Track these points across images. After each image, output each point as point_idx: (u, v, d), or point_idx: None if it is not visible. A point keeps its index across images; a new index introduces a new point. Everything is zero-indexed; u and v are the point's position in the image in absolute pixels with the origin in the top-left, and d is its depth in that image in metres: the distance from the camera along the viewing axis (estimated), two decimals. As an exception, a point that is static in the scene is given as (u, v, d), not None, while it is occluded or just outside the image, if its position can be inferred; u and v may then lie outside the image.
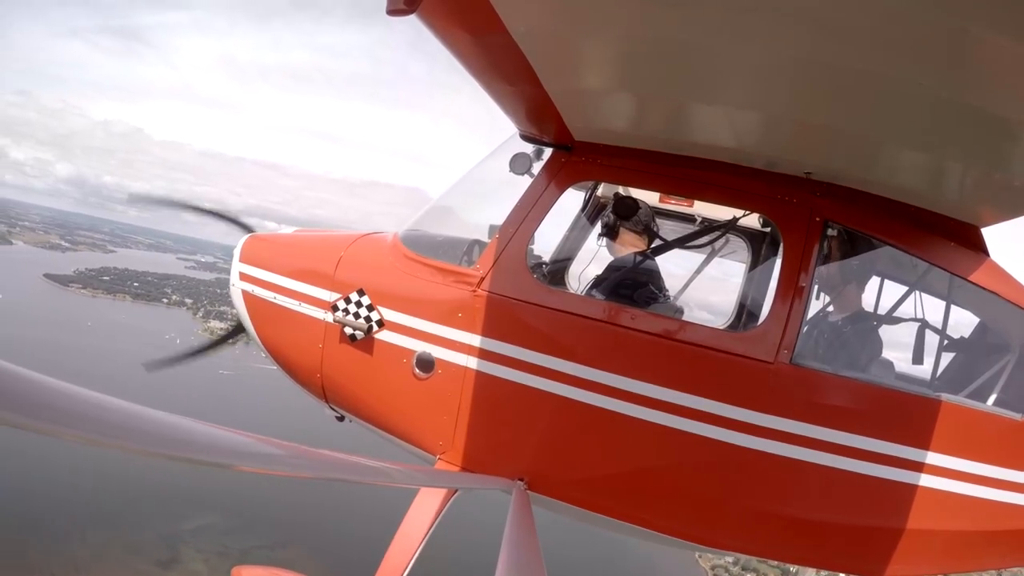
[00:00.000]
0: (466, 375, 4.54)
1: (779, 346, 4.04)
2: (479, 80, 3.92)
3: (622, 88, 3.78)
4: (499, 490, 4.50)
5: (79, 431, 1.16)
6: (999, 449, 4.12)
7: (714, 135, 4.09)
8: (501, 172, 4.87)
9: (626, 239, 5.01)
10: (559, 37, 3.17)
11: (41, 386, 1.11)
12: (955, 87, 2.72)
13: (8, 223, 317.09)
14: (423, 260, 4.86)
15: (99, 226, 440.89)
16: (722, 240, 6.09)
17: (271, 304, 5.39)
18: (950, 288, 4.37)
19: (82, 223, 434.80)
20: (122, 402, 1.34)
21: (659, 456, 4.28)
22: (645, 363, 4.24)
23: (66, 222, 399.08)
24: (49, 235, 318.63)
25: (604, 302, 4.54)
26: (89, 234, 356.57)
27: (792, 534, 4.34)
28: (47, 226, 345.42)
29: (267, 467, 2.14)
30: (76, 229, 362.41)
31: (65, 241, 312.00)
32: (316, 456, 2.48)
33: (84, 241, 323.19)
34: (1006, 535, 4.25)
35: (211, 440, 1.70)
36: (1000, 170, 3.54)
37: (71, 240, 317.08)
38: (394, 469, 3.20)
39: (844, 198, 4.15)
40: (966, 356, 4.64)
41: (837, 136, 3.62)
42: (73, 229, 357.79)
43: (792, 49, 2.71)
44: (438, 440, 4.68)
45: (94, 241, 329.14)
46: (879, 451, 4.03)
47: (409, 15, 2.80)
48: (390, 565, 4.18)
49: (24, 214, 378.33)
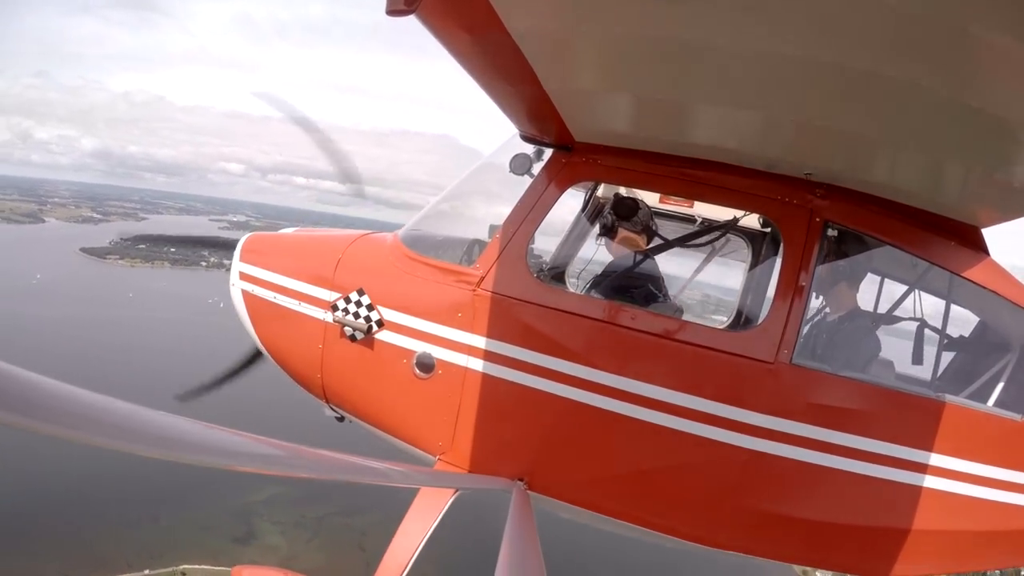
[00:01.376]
0: (466, 375, 4.54)
1: (779, 346, 4.04)
2: (479, 80, 3.92)
3: (622, 88, 3.77)
4: (499, 490, 4.50)
5: (78, 431, 1.16)
6: (999, 450, 4.13)
7: (714, 136, 4.09)
8: (501, 172, 4.87)
9: (626, 239, 5.01)
10: (559, 37, 3.17)
11: (40, 387, 1.12)
12: (955, 87, 2.72)
13: (39, 201, 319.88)
14: (423, 260, 4.86)
15: (128, 195, 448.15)
16: (722, 240, 6.09)
17: (271, 304, 5.39)
18: (950, 288, 4.37)
19: (111, 194, 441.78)
20: (121, 402, 1.34)
21: (659, 456, 4.28)
22: (645, 363, 4.24)
23: (95, 194, 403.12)
24: (80, 208, 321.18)
25: (604, 302, 4.53)
26: (120, 204, 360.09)
27: (792, 534, 4.34)
28: (77, 200, 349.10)
29: (266, 467, 2.14)
30: (106, 200, 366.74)
31: (97, 213, 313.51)
32: (316, 456, 2.48)
33: (115, 211, 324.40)
34: (1006, 535, 4.25)
35: (210, 440, 1.70)
36: (1000, 171, 3.54)
37: (102, 211, 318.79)
38: (394, 469, 3.20)
39: (844, 199, 4.16)
40: (966, 356, 4.64)
41: (837, 137, 3.62)
42: (103, 201, 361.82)
43: (792, 49, 2.70)
44: (438, 440, 4.68)
45: (125, 210, 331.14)
46: (879, 451, 4.03)
47: (409, 15, 2.80)
48: (390, 565, 4.19)
49: (54, 191, 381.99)
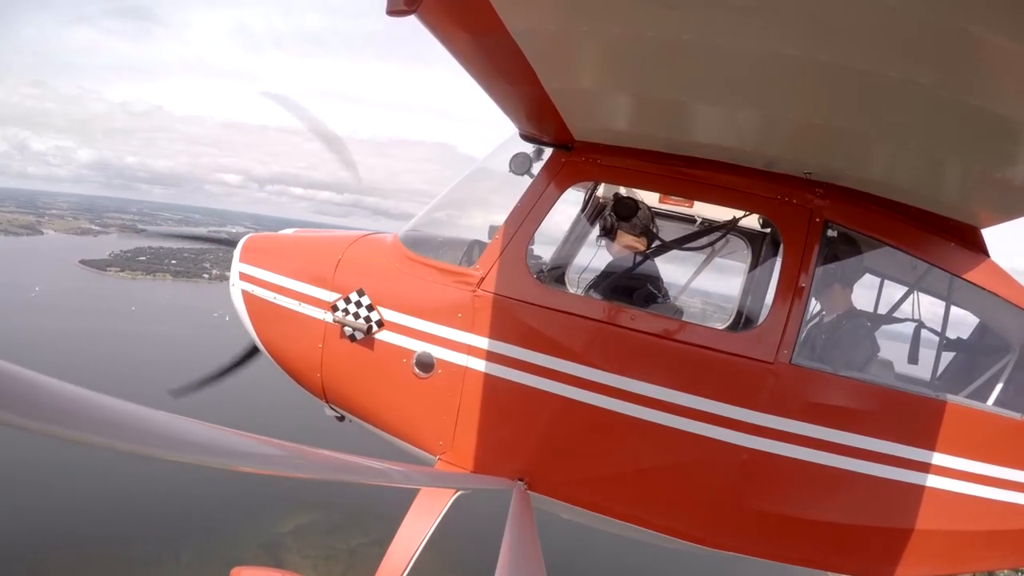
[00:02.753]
0: (466, 375, 4.54)
1: (779, 346, 4.04)
2: (479, 80, 3.92)
3: (622, 88, 3.77)
4: (499, 490, 4.50)
5: (77, 431, 1.16)
6: (999, 449, 4.13)
7: (714, 135, 4.09)
8: (501, 172, 4.87)
9: (626, 240, 5.01)
10: (559, 37, 3.17)
11: (39, 386, 1.11)
12: (955, 87, 2.72)
13: (37, 213, 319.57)
14: (423, 260, 4.86)
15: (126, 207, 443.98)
16: (722, 240, 6.09)
17: (271, 304, 5.39)
18: (950, 288, 4.37)
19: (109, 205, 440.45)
20: (120, 402, 1.33)
21: (659, 456, 4.28)
22: (645, 363, 4.24)
23: (93, 206, 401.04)
24: (79, 220, 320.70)
25: (604, 302, 4.53)
26: (118, 215, 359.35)
27: (792, 534, 4.34)
28: (75, 211, 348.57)
29: (266, 467, 2.14)
30: (104, 212, 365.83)
31: (95, 225, 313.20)
32: (316, 456, 2.48)
33: (114, 223, 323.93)
34: (1006, 535, 4.25)
35: (210, 440, 1.70)
36: (1000, 171, 3.54)
37: (101, 223, 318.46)
38: (394, 470, 3.20)
39: (844, 198, 4.15)
40: (966, 356, 4.64)
41: (837, 136, 3.62)
42: (101, 212, 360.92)
43: (792, 49, 2.70)
44: (438, 440, 4.68)
45: (124, 222, 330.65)
46: (879, 451, 4.03)
47: (409, 15, 2.80)
48: (390, 565, 4.18)
49: (52, 203, 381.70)
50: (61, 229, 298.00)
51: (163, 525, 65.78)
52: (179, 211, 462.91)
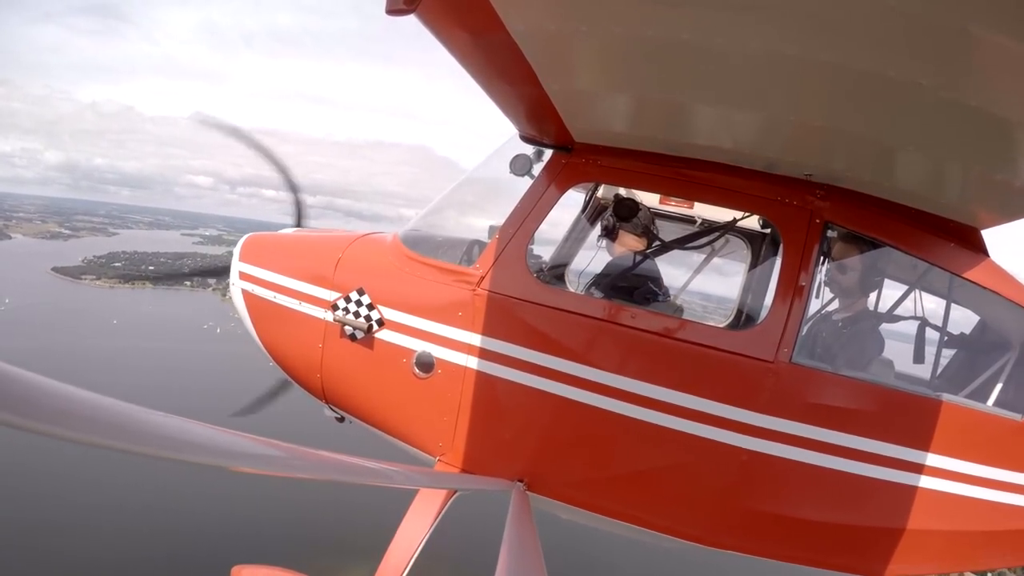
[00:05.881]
0: (466, 375, 4.54)
1: (779, 345, 4.04)
2: (479, 80, 3.92)
3: (622, 89, 3.77)
4: (499, 491, 4.50)
5: (77, 432, 1.16)
6: (999, 450, 4.12)
7: (714, 136, 4.09)
8: (501, 173, 4.87)
9: (626, 241, 5.01)
10: (559, 37, 3.17)
11: (38, 387, 1.11)
12: (955, 87, 2.72)
13: (4, 217, 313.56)
14: (423, 260, 4.87)
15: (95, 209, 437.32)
16: (722, 241, 6.09)
17: (271, 303, 5.39)
18: (950, 288, 4.37)
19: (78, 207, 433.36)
20: (120, 403, 1.33)
21: (658, 456, 4.27)
22: (645, 363, 4.24)
23: (61, 208, 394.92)
24: (47, 224, 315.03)
25: (604, 301, 4.53)
26: (88, 218, 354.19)
27: (791, 534, 4.34)
28: (44, 215, 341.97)
29: (266, 468, 2.14)
30: (73, 215, 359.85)
31: (65, 228, 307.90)
32: (315, 457, 2.48)
33: (84, 226, 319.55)
34: (1006, 535, 4.25)
35: (209, 440, 1.70)
36: (1000, 172, 3.54)
37: (71, 226, 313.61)
38: (393, 470, 3.20)
39: (844, 200, 4.15)
40: (966, 356, 4.64)
41: (837, 138, 3.62)
42: (70, 215, 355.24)
43: (792, 49, 2.70)
44: (438, 441, 4.68)
45: (94, 225, 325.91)
46: (879, 451, 4.03)
47: (408, 15, 2.81)
48: (389, 566, 4.18)
49: (18, 206, 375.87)
50: (30, 233, 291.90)
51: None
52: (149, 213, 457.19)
